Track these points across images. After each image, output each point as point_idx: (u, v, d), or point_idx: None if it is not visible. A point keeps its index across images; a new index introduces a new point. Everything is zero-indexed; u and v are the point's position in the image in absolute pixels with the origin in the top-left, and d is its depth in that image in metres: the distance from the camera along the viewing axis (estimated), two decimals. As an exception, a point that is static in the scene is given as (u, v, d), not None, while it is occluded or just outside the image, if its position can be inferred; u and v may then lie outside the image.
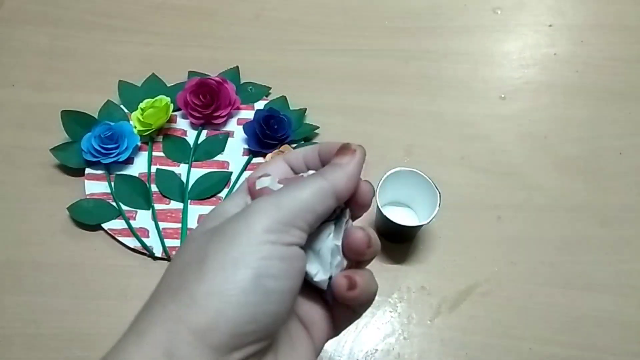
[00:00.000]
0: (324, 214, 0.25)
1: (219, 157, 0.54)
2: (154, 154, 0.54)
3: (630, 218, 0.52)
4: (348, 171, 0.26)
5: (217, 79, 0.56)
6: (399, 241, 0.50)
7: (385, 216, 0.45)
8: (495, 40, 0.64)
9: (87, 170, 0.53)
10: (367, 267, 0.28)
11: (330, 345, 0.45)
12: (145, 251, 0.49)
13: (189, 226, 0.50)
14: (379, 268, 0.49)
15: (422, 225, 0.46)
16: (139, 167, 0.53)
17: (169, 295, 0.22)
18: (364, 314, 0.47)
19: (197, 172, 0.53)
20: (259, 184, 0.26)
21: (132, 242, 0.49)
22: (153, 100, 0.55)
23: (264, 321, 0.22)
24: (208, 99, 0.55)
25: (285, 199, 0.24)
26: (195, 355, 0.20)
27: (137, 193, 0.52)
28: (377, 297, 0.47)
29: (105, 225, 0.50)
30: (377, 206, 0.45)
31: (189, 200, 0.52)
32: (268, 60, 0.61)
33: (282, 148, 0.53)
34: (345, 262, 0.26)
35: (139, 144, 0.54)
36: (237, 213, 0.24)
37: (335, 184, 0.25)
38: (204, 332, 0.21)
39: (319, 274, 0.25)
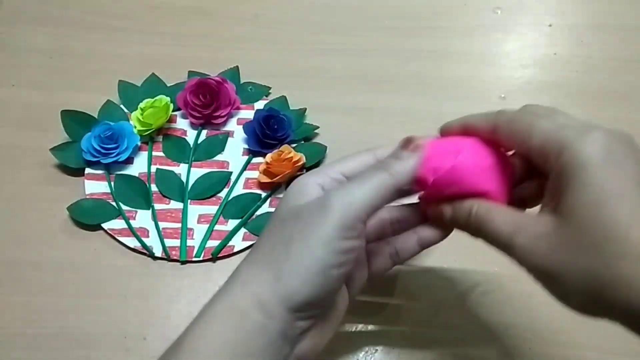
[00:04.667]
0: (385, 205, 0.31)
1: (219, 157, 0.54)
2: (154, 153, 0.54)
3: (630, 218, 0.52)
4: (410, 165, 0.30)
5: (217, 78, 0.56)
6: (399, 241, 0.50)
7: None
8: (495, 40, 0.64)
9: (87, 170, 0.53)
10: None
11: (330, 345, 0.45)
12: (145, 251, 0.49)
13: (188, 226, 0.50)
14: (379, 268, 0.49)
15: (422, 225, 0.46)
16: (139, 167, 0.53)
17: (263, 264, 0.30)
18: (364, 314, 0.47)
19: (197, 172, 0.53)
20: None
21: (132, 242, 0.49)
22: (153, 100, 0.55)
23: (324, 297, 0.30)
24: (208, 98, 0.55)
25: (356, 198, 0.29)
26: (277, 311, 0.29)
27: (137, 193, 0.52)
28: (377, 297, 0.47)
29: (105, 225, 0.50)
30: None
31: (189, 200, 0.52)
32: (268, 60, 0.61)
33: (282, 148, 0.53)
34: None
35: (139, 143, 0.54)
36: (316, 201, 0.30)
37: (398, 180, 0.30)
38: (285, 298, 0.29)
39: None
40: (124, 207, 0.51)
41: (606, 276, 0.24)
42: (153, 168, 0.53)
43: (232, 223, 0.50)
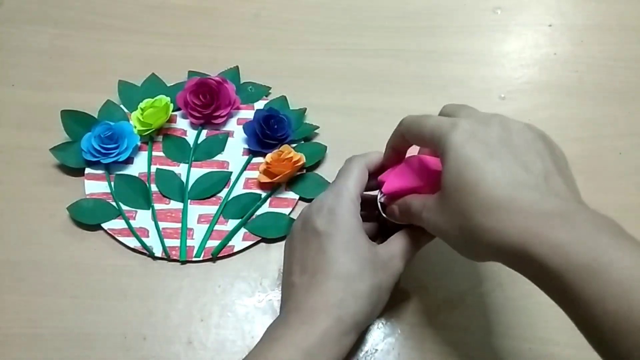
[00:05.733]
0: None
1: (218, 157, 0.54)
2: (154, 153, 0.54)
3: (630, 218, 0.51)
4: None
5: (217, 78, 0.56)
6: (399, 241, 0.50)
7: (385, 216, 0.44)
8: (495, 40, 0.64)
9: (87, 170, 0.53)
10: None
11: (330, 345, 0.45)
12: (145, 251, 0.49)
13: (188, 226, 0.50)
14: (379, 268, 0.49)
15: (422, 225, 0.46)
16: (138, 167, 0.53)
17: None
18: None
19: (197, 172, 0.53)
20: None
21: (132, 242, 0.49)
22: (153, 100, 0.55)
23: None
24: (208, 98, 0.55)
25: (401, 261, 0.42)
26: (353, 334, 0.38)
27: (137, 193, 0.52)
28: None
29: (105, 225, 0.50)
30: (378, 206, 0.45)
31: (189, 200, 0.52)
32: (268, 60, 0.61)
33: (282, 148, 0.53)
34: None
35: (139, 143, 0.54)
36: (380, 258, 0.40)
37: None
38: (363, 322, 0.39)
39: None
40: (124, 207, 0.51)
41: (470, 227, 0.32)
42: (153, 168, 0.53)
43: (232, 223, 0.50)
